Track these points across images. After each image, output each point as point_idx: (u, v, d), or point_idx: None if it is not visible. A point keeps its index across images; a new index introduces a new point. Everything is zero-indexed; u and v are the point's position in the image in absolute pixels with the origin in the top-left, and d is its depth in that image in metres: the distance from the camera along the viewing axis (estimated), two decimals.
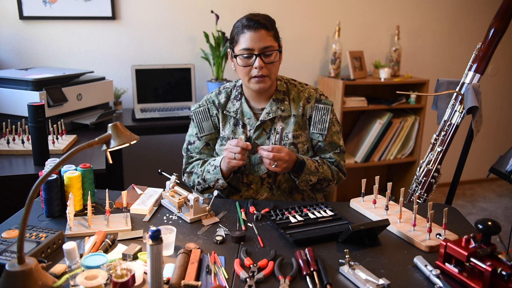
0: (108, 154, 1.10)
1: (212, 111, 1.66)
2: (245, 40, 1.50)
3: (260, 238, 1.27)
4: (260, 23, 1.49)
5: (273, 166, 1.45)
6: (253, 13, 1.54)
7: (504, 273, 0.98)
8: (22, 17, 2.66)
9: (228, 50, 1.61)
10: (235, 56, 1.54)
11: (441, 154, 1.99)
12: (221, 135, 1.65)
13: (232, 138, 1.62)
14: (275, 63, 1.54)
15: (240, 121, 1.63)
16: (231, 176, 1.59)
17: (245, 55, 1.51)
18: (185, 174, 1.71)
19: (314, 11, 3.23)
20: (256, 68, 1.51)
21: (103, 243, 1.18)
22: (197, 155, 1.68)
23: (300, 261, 1.11)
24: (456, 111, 1.96)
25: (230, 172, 1.58)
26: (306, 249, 1.15)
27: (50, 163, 1.45)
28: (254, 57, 1.50)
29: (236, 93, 1.66)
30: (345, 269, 1.09)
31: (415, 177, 2.07)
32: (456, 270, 1.09)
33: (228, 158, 1.49)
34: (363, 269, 1.09)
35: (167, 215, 1.42)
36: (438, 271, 1.08)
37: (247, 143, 1.48)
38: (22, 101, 2.06)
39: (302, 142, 1.62)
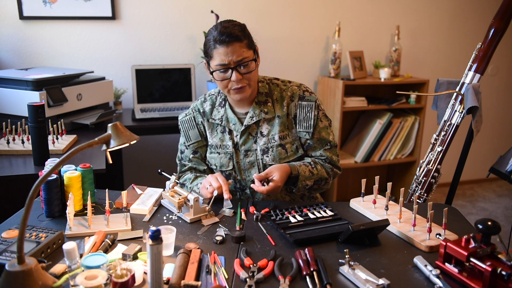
0: (108, 154, 1.10)
1: (198, 119, 1.66)
2: (219, 55, 1.46)
3: (270, 237, 1.28)
4: (231, 36, 1.44)
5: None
6: (224, 24, 1.48)
7: (504, 273, 0.98)
8: (22, 17, 2.66)
9: (204, 62, 1.58)
10: (212, 72, 1.52)
11: (441, 154, 1.99)
12: (209, 143, 1.65)
13: (221, 146, 1.62)
14: (253, 72, 1.52)
15: (226, 127, 1.62)
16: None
17: (221, 70, 1.49)
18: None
19: (314, 11, 3.22)
20: (234, 81, 1.49)
21: (103, 243, 1.18)
22: (189, 163, 1.69)
23: (300, 261, 1.11)
24: (456, 111, 1.96)
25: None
26: (306, 249, 1.16)
27: (50, 163, 1.45)
28: (230, 70, 1.48)
29: (220, 100, 1.65)
30: (345, 269, 1.09)
31: (415, 177, 2.07)
32: (456, 270, 1.09)
33: (203, 193, 1.48)
34: (363, 269, 1.09)
35: (167, 215, 1.42)
36: (438, 271, 1.08)
37: (221, 184, 1.44)
38: (22, 101, 2.06)
39: (289, 142, 1.60)
